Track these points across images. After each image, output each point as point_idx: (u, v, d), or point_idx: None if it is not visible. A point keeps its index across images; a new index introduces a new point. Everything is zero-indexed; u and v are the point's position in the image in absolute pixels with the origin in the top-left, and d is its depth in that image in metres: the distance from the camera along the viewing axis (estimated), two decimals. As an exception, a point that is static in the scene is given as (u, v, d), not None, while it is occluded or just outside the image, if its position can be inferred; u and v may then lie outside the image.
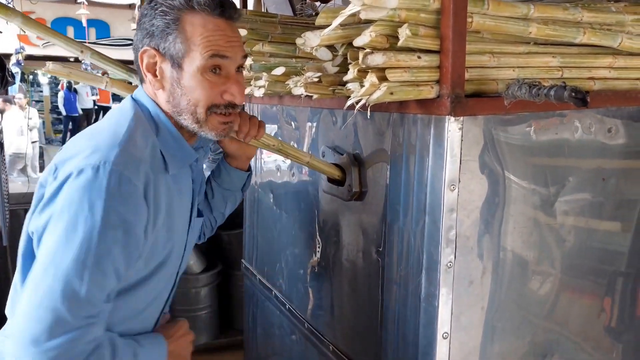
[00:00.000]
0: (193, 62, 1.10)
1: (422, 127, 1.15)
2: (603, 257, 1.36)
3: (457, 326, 1.16)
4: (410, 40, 1.04)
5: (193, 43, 1.09)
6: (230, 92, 1.13)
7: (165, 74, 1.12)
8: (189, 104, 1.13)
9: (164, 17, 1.09)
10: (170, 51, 1.10)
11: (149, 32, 1.11)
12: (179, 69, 1.11)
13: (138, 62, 1.14)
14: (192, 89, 1.11)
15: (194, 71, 1.10)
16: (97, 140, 1.08)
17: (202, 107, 1.13)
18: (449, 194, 1.11)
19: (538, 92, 0.96)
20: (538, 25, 1.15)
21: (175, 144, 1.17)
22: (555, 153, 1.23)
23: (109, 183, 1.00)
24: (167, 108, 1.15)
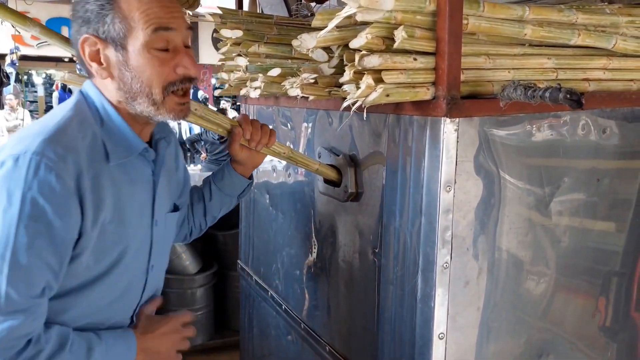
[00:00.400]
0: (137, 40, 1.05)
1: (418, 129, 1.15)
2: (597, 257, 1.37)
3: (453, 326, 1.17)
4: (406, 42, 1.04)
5: (132, 20, 1.04)
6: (182, 65, 1.09)
7: (110, 60, 1.07)
8: (142, 86, 1.08)
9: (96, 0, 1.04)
10: (110, 34, 1.05)
11: (85, 19, 1.05)
12: (123, 51, 1.06)
13: (80, 54, 1.08)
14: (141, 69, 1.07)
15: (140, 49, 1.05)
16: (26, 131, 1.06)
17: (157, 86, 1.08)
18: (445, 195, 1.11)
19: (533, 94, 0.97)
20: (533, 27, 1.15)
21: (119, 134, 1.12)
22: (550, 154, 1.24)
23: (27, 172, 0.97)
24: (119, 96, 1.10)
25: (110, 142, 1.10)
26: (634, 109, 1.32)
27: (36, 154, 0.98)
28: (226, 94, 2.11)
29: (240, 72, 1.94)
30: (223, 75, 2.08)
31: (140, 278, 1.23)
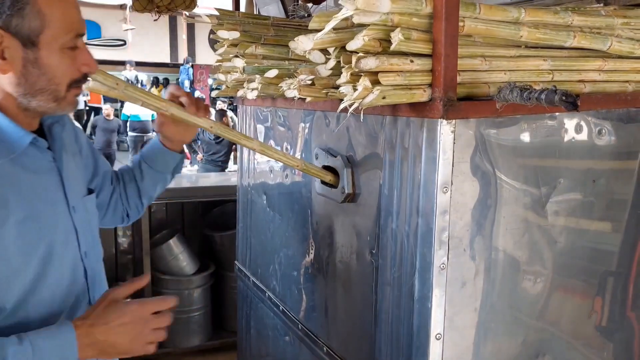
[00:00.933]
0: (53, 39, 1.02)
1: (415, 130, 1.16)
2: (593, 257, 1.37)
3: (450, 327, 1.17)
4: (402, 44, 1.04)
5: (52, 20, 1.02)
6: (86, 64, 1.10)
7: (15, 55, 1.01)
8: (50, 84, 1.05)
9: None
10: (22, 30, 1.00)
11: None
12: (34, 48, 1.02)
13: None
14: (53, 67, 1.04)
15: (55, 49, 1.03)
16: None
17: (64, 84, 1.07)
18: (442, 196, 1.12)
19: (529, 95, 0.97)
20: (529, 29, 1.16)
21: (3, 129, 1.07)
22: (546, 155, 1.24)
23: None
24: (15, 91, 1.05)
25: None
26: (629, 110, 1.33)
27: None
28: (223, 95, 2.12)
29: (238, 73, 1.94)
30: (220, 77, 2.08)
31: (79, 267, 1.18)
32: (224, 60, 2.04)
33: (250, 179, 2.17)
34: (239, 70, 1.92)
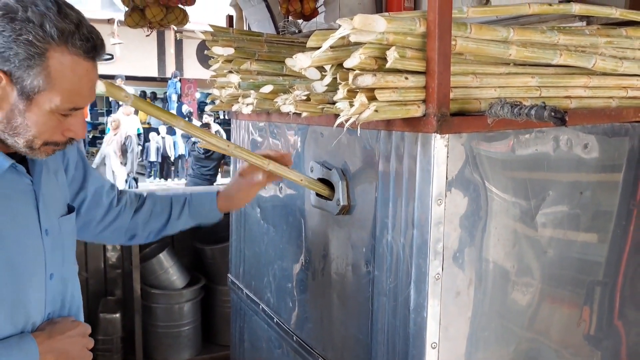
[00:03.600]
0: (49, 102, 1.02)
1: (410, 144, 1.20)
2: (582, 267, 1.42)
3: (445, 336, 1.21)
4: (398, 62, 1.09)
5: (56, 85, 1.02)
6: (73, 131, 1.09)
7: (7, 99, 1.01)
8: (27, 135, 1.05)
9: (28, 47, 0.97)
10: (24, 82, 1.00)
11: (2, 54, 0.97)
12: (27, 101, 1.02)
13: None
14: (37, 124, 1.04)
15: (46, 111, 1.03)
16: None
17: (41, 141, 1.07)
18: (436, 208, 1.15)
19: (519, 111, 1.02)
20: (517, 47, 1.21)
21: None
22: (535, 168, 1.29)
23: None
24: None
25: None
26: (613, 125, 1.38)
27: None
28: (218, 109, 2.15)
29: (232, 88, 1.97)
30: (215, 92, 2.11)
31: (38, 289, 1.19)
32: (219, 76, 2.07)
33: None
34: (234, 86, 1.95)
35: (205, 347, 3.76)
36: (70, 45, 1.01)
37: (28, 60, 0.98)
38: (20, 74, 0.99)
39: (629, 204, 1.45)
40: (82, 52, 1.02)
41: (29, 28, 0.97)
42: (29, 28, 0.97)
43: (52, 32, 0.98)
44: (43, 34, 0.98)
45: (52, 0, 1.00)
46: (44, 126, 1.05)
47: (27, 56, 0.98)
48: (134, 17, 3.12)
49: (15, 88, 1.00)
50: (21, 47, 0.97)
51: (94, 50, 1.05)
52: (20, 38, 0.97)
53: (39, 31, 0.97)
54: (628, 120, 1.40)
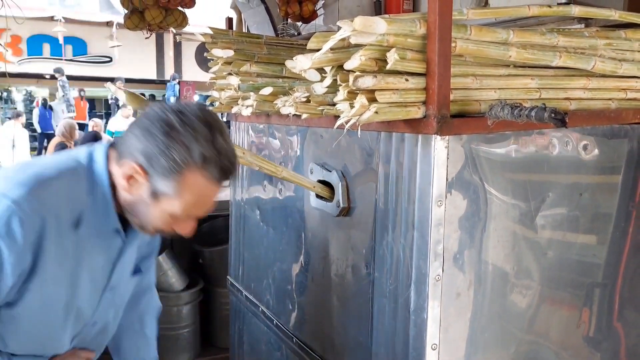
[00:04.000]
0: (171, 207, 1.14)
1: (410, 146, 1.20)
2: (582, 269, 1.42)
3: (446, 337, 1.21)
4: (398, 63, 1.09)
5: (183, 197, 1.13)
6: (184, 230, 1.21)
7: (138, 191, 1.15)
8: (143, 220, 1.19)
9: (171, 162, 1.09)
10: (157, 186, 1.12)
11: (150, 157, 1.10)
12: (153, 199, 1.14)
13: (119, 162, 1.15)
14: (155, 218, 1.18)
15: (168, 212, 1.16)
16: (19, 172, 1.15)
17: (152, 228, 1.21)
18: (437, 209, 1.16)
19: (520, 112, 1.02)
20: (517, 49, 1.21)
21: (102, 210, 1.20)
22: (535, 169, 1.29)
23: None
24: (121, 197, 1.18)
25: (90, 212, 1.18)
26: (612, 127, 1.39)
27: (14, 202, 1.07)
28: (218, 111, 2.14)
29: (232, 90, 1.97)
30: (214, 94, 2.11)
31: (74, 330, 1.31)
32: (218, 78, 2.07)
33: (243, 194, 2.19)
34: (233, 88, 1.96)
35: (204, 350, 3.74)
36: (207, 171, 1.11)
37: (167, 172, 1.10)
38: (156, 178, 1.12)
39: (628, 205, 1.45)
40: (215, 179, 1.13)
41: (178, 148, 1.09)
42: (177, 148, 1.09)
43: (195, 156, 1.09)
44: (188, 157, 1.09)
45: (209, 124, 1.12)
46: (159, 220, 1.18)
47: (168, 169, 1.10)
48: (133, 19, 3.12)
49: (149, 185, 1.13)
50: (165, 160, 1.09)
51: (226, 178, 1.16)
52: (167, 152, 1.09)
53: (186, 154, 1.09)
54: (627, 122, 1.40)
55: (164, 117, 1.10)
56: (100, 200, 1.19)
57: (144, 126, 1.11)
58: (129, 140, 1.14)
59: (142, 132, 1.11)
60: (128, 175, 1.14)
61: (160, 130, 1.09)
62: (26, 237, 1.08)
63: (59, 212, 1.13)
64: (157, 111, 1.12)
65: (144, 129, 1.11)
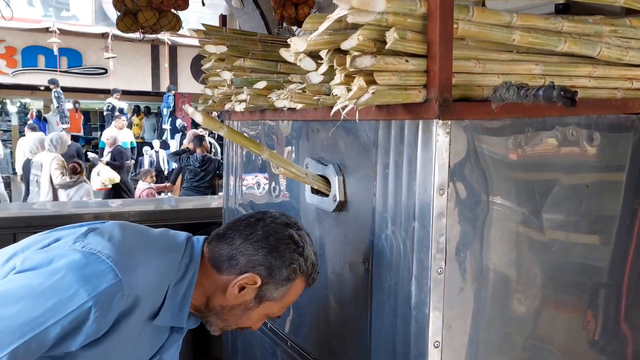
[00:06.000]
0: (270, 309, 1.25)
1: (410, 132, 1.15)
2: (589, 260, 1.36)
3: (449, 334, 1.14)
4: (398, 43, 1.04)
5: (284, 301, 1.25)
6: (254, 327, 1.31)
7: (242, 297, 1.21)
8: (233, 323, 1.27)
9: (291, 273, 1.21)
10: (266, 292, 1.22)
11: (272, 270, 1.20)
12: (257, 304, 1.23)
13: (235, 264, 1.20)
14: (249, 320, 1.26)
15: (263, 313, 1.26)
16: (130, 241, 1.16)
17: (232, 328, 1.29)
18: (439, 199, 1.10)
19: (526, 93, 0.97)
20: (521, 32, 1.16)
21: (180, 304, 1.20)
22: (540, 158, 1.24)
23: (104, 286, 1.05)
24: (216, 305, 1.23)
25: (169, 303, 1.19)
26: (619, 117, 1.34)
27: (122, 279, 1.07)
28: (210, 109, 2.09)
29: (225, 87, 1.92)
30: (207, 91, 2.06)
31: None
32: (211, 75, 2.02)
33: (236, 194, 2.13)
34: (226, 84, 1.90)
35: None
36: (310, 278, 1.28)
37: (284, 282, 1.22)
38: (270, 287, 1.21)
39: (634, 200, 1.40)
40: (308, 284, 1.29)
41: (300, 262, 1.23)
42: (300, 262, 1.23)
43: (305, 269, 1.24)
44: (303, 269, 1.24)
45: (308, 235, 1.29)
46: (249, 321, 1.27)
47: (286, 278, 1.21)
48: (126, 21, 3.07)
49: (256, 293, 1.22)
50: (287, 272, 1.21)
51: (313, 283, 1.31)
52: (291, 266, 1.21)
53: (303, 266, 1.23)
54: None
55: (284, 234, 1.22)
56: (180, 294, 1.20)
57: (260, 238, 1.21)
58: (242, 251, 1.20)
59: (260, 246, 1.20)
60: (243, 285, 1.20)
61: (286, 246, 1.21)
62: (114, 314, 1.08)
63: (148, 299, 1.14)
64: (274, 226, 1.23)
65: (263, 242, 1.20)
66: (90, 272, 1.05)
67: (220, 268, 1.21)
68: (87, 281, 1.04)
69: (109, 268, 1.07)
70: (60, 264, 1.06)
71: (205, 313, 1.26)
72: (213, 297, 1.23)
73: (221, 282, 1.21)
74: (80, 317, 1.03)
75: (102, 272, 1.06)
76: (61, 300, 1.02)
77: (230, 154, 2.19)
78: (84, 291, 1.03)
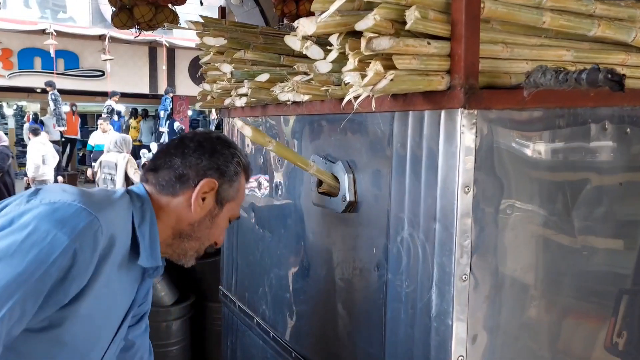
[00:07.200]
0: (232, 210, 1.29)
1: (431, 124, 1.03)
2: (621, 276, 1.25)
3: (473, 348, 1.03)
4: (419, 22, 0.93)
5: (238, 199, 1.29)
6: (220, 239, 1.31)
7: (206, 206, 1.23)
8: (205, 238, 1.27)
9: (237, 167, 1.25)
10: (224, 193, 1.25)
11: (221, 170, 1.23)
12: (220, 208, 1.25)
13: (186, 180, 1.20)
14: (218, 228, 1.27)
15: (227, 217, 1.28)
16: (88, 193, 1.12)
17: (205, 246, 1.29)
18: (464, 197, 0.99)
19: (566, 77, 0.86)
20: (552, 14, 1.06)
21: (150, 245, 1.19)
22: (571, 154, 1.13)
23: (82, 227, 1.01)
24: (182, 227, 1.23)
25: (142, 244, 1.17)
26: (654, 109, 1.23)
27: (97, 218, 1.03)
28: (208, 106, 1.98)
29: (224, 81, 1.81)
30: (205, 86, 1.95)
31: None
32: (210, 69, 1.91)
33: (236, 196, 2.02)
34: (225, 78, 1.79)
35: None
36: (247, 174, 1.31)
37: (232, 178, 1.25)
38: (225, 187, 1.24)
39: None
40: (247, 180, 1.32)
41: (240, 155, 1.27)
42: (239, 155, 1.27)
43: (245, 163, 1.29)
44: (243, 162, 1.28)
45: None
46: (218, 231, 1.29)
47: (234, 173, 1.25)
48: (121, 17, 2.96)
49: (216, 198, 1.24)
50: (233, 166, 1.25)
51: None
52: (234, 160, 1.25)
53: (243, 160, 1.28)
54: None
55: (213, 137, 1.27)
56: (147, 235, 1.18)
57: (197, 148, 1.22)
58: (188, 165, 1.21)
59: (200, 153, 1.21)
60: (202, 194, 1.21)
61: (221, 145, 1.25)
62: (97, 254, 1.04)
63: (121, 241, 1.12)
64: (201, 135, 1.26)
65: (201, 150, 1.22)
66: (63, 216, 1.00)
67: (175, 191, 1.21)
68: (63, 224, 0.99)
69: (79, 209, 1.02)
70: (25, 218, 0.99)
71: (176, 244, 1.25)
72: (180, 222, 1.23)
73: (182, 203, 1.22)
74: (66, 262, 0.98)
75: (74, 213, 1.01)
76: (42, 250, 0.96)
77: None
78: (63, 234, 0.98)
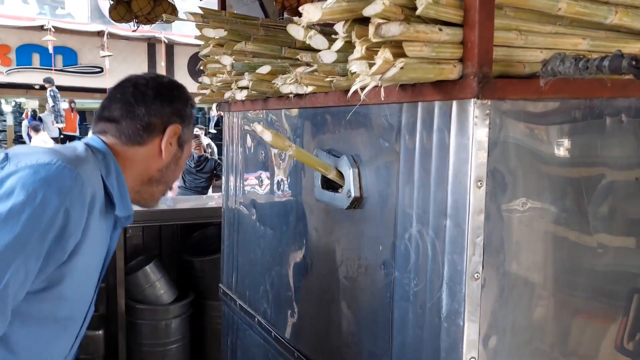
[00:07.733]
0: (188, 150, 1.34)
1: (442, 115, 0.99)
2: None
3: (486, 350, 0.98)
4: (431, 8, 0.88)
5: (191, 137, 1.36)
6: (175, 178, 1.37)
7: (172, 150, 1.28)
8: (171, 180, 1.33)
9: (191, 110, 1.32)
10: (184, 136, 1.31)
11: (180, 114, 1.28)
12: (181, 150, 1.31)
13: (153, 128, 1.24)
14: (178, 169, 1.33)
15: (185, 158, 1.34)
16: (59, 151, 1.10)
17: (169, 185, 1.34)
18: (476, 192, 0.94)
19: (587, 64, 0.81)
20: (568, 0, 1.01)
21: (120, 195, 1.20)
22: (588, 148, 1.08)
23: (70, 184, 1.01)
24: (151, 173, 1.27)
25: (115, 194, 1.19)
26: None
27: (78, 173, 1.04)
28: (208, 99, 1.93)
29: (224, 74, 1.77)
30: (205, 80, 1.90)
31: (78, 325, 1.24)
32: (209, 62, 1.87)
33: (237, 193, 1.97)
34: (225, 71, 1.75)
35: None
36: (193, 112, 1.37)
37: (190, 119, 1.32)
38: (186, 130, 1.31)
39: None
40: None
41: (191, 97, 1.34)
42: (191, 97, 1.34)
43: (194, 102, 1.36)
44: (194, 102, 1.36)
45: None
46: (178, 171, 1.34)
47: (190, 115, 1.32)
48: (119, 10, 2.90)
49: (178, 140, 1.29)
50: (189, 109, 1.32)
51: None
52: (189, 103, 1.32)
53: (193, 100, 1.36)
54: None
55: (166, 82, 1.32)
56: (115, 185, 1.19)
57: (156, 95, 1.25)
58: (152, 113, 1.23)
59: (162, 100, 1.25)
60: (170, 140, 1.25)
61: (177, 90, 1.31)
62: (86, 208, 1.05)
63: (98, 194, 1.12)
64: (154, 80, 1.29)
65: (161, 97, 1.25)
66: (47, 176, 0.99)
67: (143, 140, 1.23)
68: (49, 184, 0.98)
69: (61, 166, 1.01)
70: (8, 184, 0.97)
71: (144, 190, 1.29)
72: (149, 169, 1.26)
73: (152, 150, 1.25)
74: (60, 220, 0.99)
75: (57, 172, 1.00)
76: (34, 211, 0.96)
77: (230, 153, 2.03)
78: (52, 194, 0.98)
